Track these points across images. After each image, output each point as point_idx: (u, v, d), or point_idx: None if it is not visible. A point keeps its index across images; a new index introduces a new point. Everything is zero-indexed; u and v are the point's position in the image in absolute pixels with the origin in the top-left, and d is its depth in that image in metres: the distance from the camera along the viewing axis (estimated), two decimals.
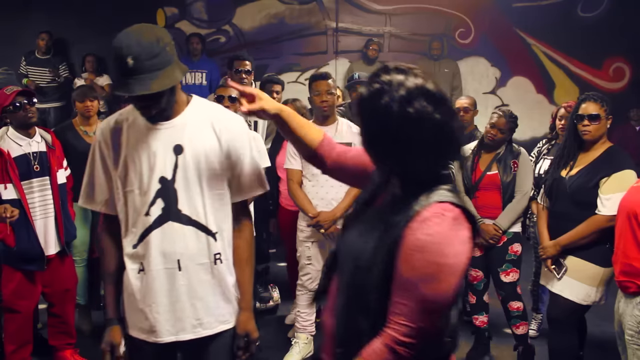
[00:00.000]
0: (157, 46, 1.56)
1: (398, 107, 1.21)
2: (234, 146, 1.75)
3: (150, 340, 1.75)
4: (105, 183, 1.77)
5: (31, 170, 2.91)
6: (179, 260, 1.70)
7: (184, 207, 1.70)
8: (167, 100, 1.65)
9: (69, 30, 6.62)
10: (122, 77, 1.56)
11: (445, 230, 1.19)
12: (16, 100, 2.85)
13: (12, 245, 2.83)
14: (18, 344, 2.96)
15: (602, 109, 2.69)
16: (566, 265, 2.74)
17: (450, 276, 1.19)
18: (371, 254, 1.26)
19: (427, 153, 1.24)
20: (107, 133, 1.75)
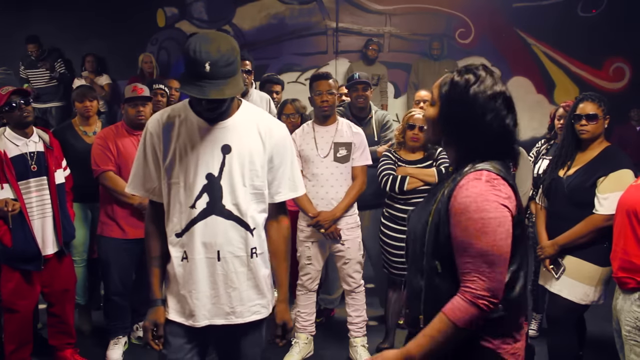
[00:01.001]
0: (232, 55, 1.69)
1: (483, 99, 1.43)
2: (277, 150, 1.89)
3: (187, 323, 1.88)
4: (155, 172, 1.88)
5: (28, 170, 2.91)
6: (219, 251, 1.83)
7: (227, 203, 1.83)
8: (228, 104, 1.80)
9: (69, 30, 6.63)
10: (196, 79, 1.65)
11: (480, 190, 1.38)
12: (11, 100, 2.84)
13: (8, 245, 2.83)
14: (18, 344, 2.96)
15: (600, 109, 2.70)
16: (564, 265, 2.74)
17: (497, 227, 1.36)
18: (425, 221, 1.48)
19: (488, 144, 1.45)
20: (159, 126, 1.86)
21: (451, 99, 1.48)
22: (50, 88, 6.38)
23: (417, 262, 1.51)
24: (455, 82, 1.48)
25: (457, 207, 1.40)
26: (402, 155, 3.32)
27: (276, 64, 6.84)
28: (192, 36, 1.81)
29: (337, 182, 3.20)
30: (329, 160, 3.20)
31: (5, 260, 2.88)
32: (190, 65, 1.66)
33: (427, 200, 1.58)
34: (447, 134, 1.52)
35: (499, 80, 1.48)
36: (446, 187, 1.47)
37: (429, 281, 1.48)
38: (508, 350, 1.46)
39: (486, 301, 1.36)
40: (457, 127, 1.48)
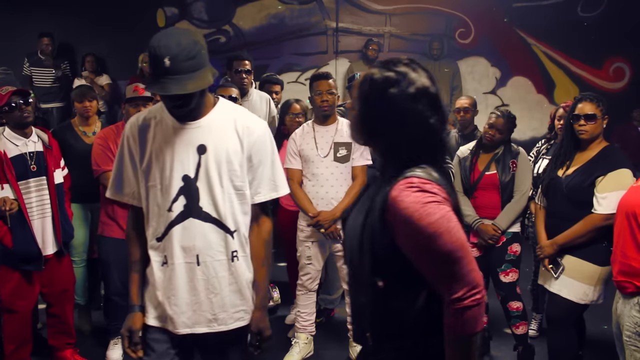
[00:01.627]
0: (194, 49, 1.63)
1: (403, 101, 1.33)
2: (256, 149, 1.82)
3: (168, 329, 1.82)
4: (133, 176, 1.85)
5: (28, 170, 2.91)
6: (198, 255, 1.78)
7: (204, 205, 1.77)
8: (197, 101, 1.72)
9: (69, 30, 6.63)
10: (158, 76, 1.62)
11: (414, 199, 1.29)
12: (11, 100, 2.84)
13: (9, 246, 2.83)
14: (17, 344, 2.96)
15: (598, 109, 2.71)
16: (563, 265, 2.75)
17: (447, 224, 1.28)
18: (359, 235, 1.39)
19: (412, 147, 1.37)
20: (135, 129, 1.82)
21: (369, 98, 1.38)
22: (51, 88, 6.38)
23: (358, 277, 1.42)
24: (373, 80, 1.37)
25: (399, 221, 1.30)
26: None
27: (276, 64, 6.84)
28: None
29: (337, 181, 3.20)
30: (329, 160, 3.20)
31: (6, 261, 2.88)
32: (152, 62, 1.63)
33: (358, 208, 1.46)
34: (366, 136, 1.43)
35: (422, 76, 1.36)
36: (374, 198, 1.38)
37: (373, 297, 1.39)
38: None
39: (470, 298, 1.29)
40: (377, 129, 1.38)
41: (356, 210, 1.47)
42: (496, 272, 3.20)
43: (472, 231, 3.23)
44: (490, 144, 3.23)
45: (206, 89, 1.75)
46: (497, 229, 3.14)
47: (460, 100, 4.20)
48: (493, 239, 3.15)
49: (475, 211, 3.22)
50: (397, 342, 1.40)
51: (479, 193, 3.22)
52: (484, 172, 3.21)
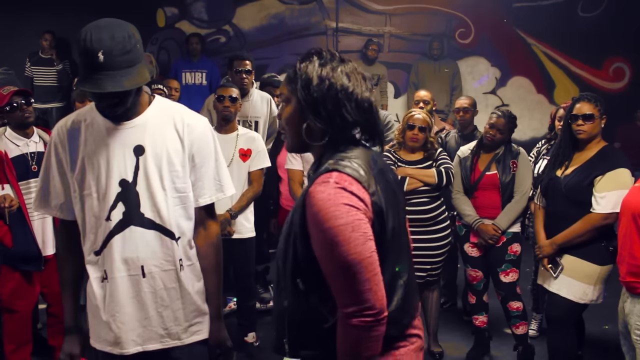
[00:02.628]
0: (130, 42, 1.52)
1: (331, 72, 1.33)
2: (197, 147, 1.69)
3: (115, 352, 1.66)
4: (60, 186, 1.69)
5: (29, 170, 2.91)
6: (143, 266, 1.63)
7: (146, 211, 1.62)
8: (133, 99, 1.59)
9: (69, 30, 6.63)
10: (90, 72, 1.48)
11: (328, 195, 1.22)
12: (13, 101, 2.84)
13: (9, 246, 2.83)
14: (17, 344, 2.96)
15: (596, 109, 2.71)
16: (562, 264, 2.75)
17: (350, 233, 1.19)
18: (285, 236, 1.34)
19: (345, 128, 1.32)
20: (63, 134, 1.66)
21: (302, 81, 1.35)
22: (51, 88, 6.38)
23: (280, 280, 1.37)
24: (298, 68, 1.38)
25: (309, 218, 1.24)
26: (402, 155, 3.31)
27: (276, 64, 6.83)
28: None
29: None
30: None
31: (6, 261, 2.88)
32: (83, 56, 1.49)
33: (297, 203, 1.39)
34: (309, 118, 1.34)
35: (341, 58, 1.38)
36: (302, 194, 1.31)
37: (293, 301, 1.32)
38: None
39: (359, 318, 1.19)
40: (315, 105, 1.32)
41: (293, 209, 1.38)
42: (496, 272, 3.20)
43: (472, 231, 3.23)
44: (491, 144, 3.23)
45: (141, 89, 1.63)
46: (497, 229, 3.14)
47: (460, 100, 4.19)
48: (493, 239, 3.15)
49: (476, 211, 3.22)
50: (313, 350, 1.33)
51: (480, 193, 3.23)
52: (484, 172, 3.21)
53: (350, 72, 1.36)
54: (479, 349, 3.37)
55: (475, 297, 3.33)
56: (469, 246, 3.29)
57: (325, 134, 1.33)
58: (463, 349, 3.46)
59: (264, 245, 4.16)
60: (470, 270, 3.31)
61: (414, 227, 3.06)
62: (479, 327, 3.34)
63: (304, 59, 1.38)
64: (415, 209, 3.15)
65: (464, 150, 3.37)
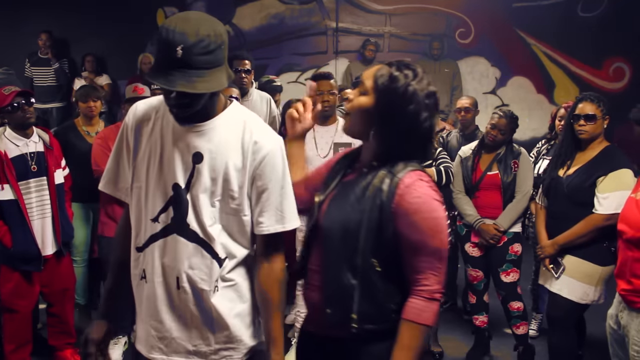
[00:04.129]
0: (214, 42, 1.38)
1: (421, 97, 1.45)
2: (262, 170, 1.50)
3: (142, 352, 1.60)
4: (127, 169, 1.58)
5: (28, 170, 2.91)
6: (178, 278, 1.51)
7: (191, 222, 1.49)
8: (205, 103, 1.45)
9: (69, 30, 6.63)
10: (165, 66, 1.35)
11: (427, 191, 1.44)
12: (15, 101, 2.84)
13: (8, 246, 2.83)
14: (17, 344, 2.96)
15: (599, 109, 2.70)
16: (564, 265, 2.74)
17: (444, 225, 1.45)
18: (360, 218, 1.45)
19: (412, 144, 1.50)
20: (134, 117, 1.57)
21: (391, 91, 1.46)
22: (51, 88, 6.38)
23: (347, 259, 1.46)
24: (394, 76, 1.47)
25: (409, 207, 1.42)
26: None
27: (276, 64, 6.84)
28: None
29: None
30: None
31: (5, 261, 2.88)
32: (161, 47, 1.35)
33: (345, 194, 1.51)
34: (380, 128, 1.48)
35: (430, 80, 1.51)
36: (376, 182, 1.46)
37: (365, 279, 1.45)
38: None
39: (440, 294, 1.44)
40: (392, 122, 1.47)
41: (345, 200, 1.51)
42: (497, 272, 3.20)
43: (473, 231, 3.23)
44: (492, 144, 3.23)
45: (217, 94, 1.51)
46: (498, 229, 3.14)
47: (461, 100, 4.20)
48: (494, 239, 3.15)
49: (477, 211, 3.22)
50: (378, 325, 1.47)
51: (481, 193, 3.23)
52: (485, 172, 3.21)
53: (430, 101, 1.48)
54: (479, 348, 3.37)
55: (475, 297, 3.33)
56: (470, 246, 3.29)
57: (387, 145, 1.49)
58: (463, 348, 3.46)
59: None
60: (471, 270, 3.31)
61: None
62: (479, 327, 3.34)
63: (403, 67, 1.48)
64: None
65: (465, 150, 3.37)
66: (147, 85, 3.46)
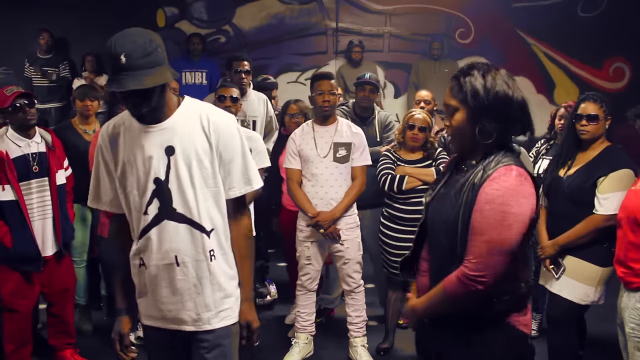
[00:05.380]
0: (150, 46, 1.65)
1: (504, 92, 1.56)
2: (224, 144, 1.81)
3: (159, 325, 1.87)
4: (109, 184, 1.86)
5: (30, 171, 2.91)
6: (176, 256, 1.78)
7: (178, 206, 1.77)
8: (157, 99, 1.70)
9: (69, 30, 6.62)
10: (115, 73, 1.63)
11: (510, 185, 1.49)
12: (16, 102, 2.83)
13: (9, 246, 2.83)
14: (17, 344, 2.96)
15: (601, 110, 2.70)
16: (564, 265, 2.74)
17: (514, 223, 1.48)
18: (457, 212, 1.56)
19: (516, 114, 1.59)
20: (106, 137, 1.83)
21: (474, 91, 1.56)
22: (50, 88, 6.37)
23: (449, 250, 1.59)
24: (466, 80, 1.58)
25: (485, 196, 1.50)
26: (402, 155, 3.32)
27: (276, 64, 6.83)
28: None
29: (337, 182, 3.20)
30: (329, 160, 3.20)
31: (5, 261, 2.88)
32: (109, 61, 1.66)
33: (447, 191, 1.65)
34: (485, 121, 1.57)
35: (496, 66, 1.62)
36: (472, 178, 1.56)
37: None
38: (521, 322, 1.62)
39: (474, 282, 1.49)
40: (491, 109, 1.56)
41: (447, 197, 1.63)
42: None
43: None
44: None
45: (166, 89, 1.74)
46: None
47: None
48: None
49: None
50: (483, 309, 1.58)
51: None
52: None
53: (507, 79, 1.59)
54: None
55: None
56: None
57: (494, 134, 1.57)
58: None
59: (260, 243, 4.16)
60: None
61: (414, 226, 3.06)
62: None
63: (465, 73, 1.60)
64: (415, 208, 3.15)
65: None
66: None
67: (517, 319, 1.61)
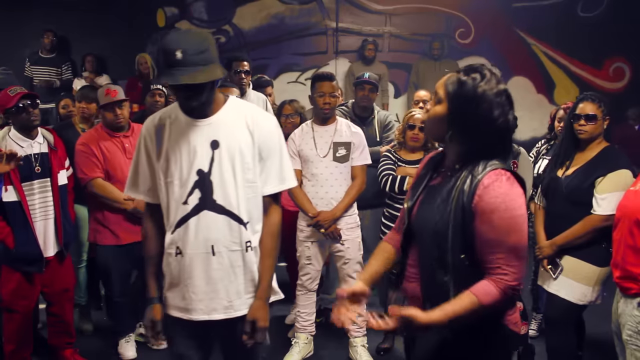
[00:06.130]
0: (204, 44, 1.75)
1: (491, 96, 1.52)
2: (265, 143, 1.89)
3: (185, 317, 1.91)
4: (148, 174, 1.93)
5: (32, 171, 2.89)
6: (213, 246, 1.85)
7: (218, 198, 1.85)
8: (207, 95, 1.80)
9: (70, 30, 6.63)
10: (169, 68, 1.71)
11: (506, 190, 1.49)
12: (20, 102, 2.82)
13: (10, 247, 2.82)
14: (17, 344, 2.96)
15: (600, 110, 2.70)
16: (562, 265, 2.74)
17: (523, 224, 1.51)
18: (447, 219, 1.54)
19: (491, 143, 1.56)
20: (151, 128, 1.91)
21: (460, 96, 1.55)
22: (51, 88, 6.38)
23: (439, 258, 1.57)
24: (463, 80, 1.56)
25: (486, 206, 1.49)
26: (402, 155, 3.32)
27: (276, 64, 6.84)
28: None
29: (337, 181, 3.20)
30: (329, 160, 3.20)
31: (7, 262, 2.88)
32: (163, 56, 1.73)
33: (432, 197, 1.63)
34: (456, 131, 1.57)
35: (500, 78, 1.58)
36: (459, 185, 1.55)
37: (457, 275, 1.55)
38: (510, 320, 1.62)
39: (515, 291, 1.50)
40: (466, 124, 1.55)
41: (433, 202, 1.61)
42: None
43: None
44: None
45: (215, 86, 1.83)
46: None
47: None
48: None
49: None
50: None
51: None
52: None
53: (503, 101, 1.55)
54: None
55: None
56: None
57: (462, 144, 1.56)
58: None
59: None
60: None
61: None
62: None
63: (470, 71, 1.57)
64: None
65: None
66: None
67: (509, 318, 1.62)
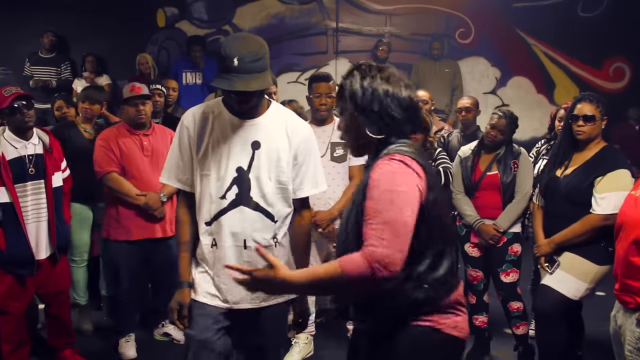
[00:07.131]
0: (260, 52, 1.84)
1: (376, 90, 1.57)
2: (301, 149, 2.01)
3: (213, 304, 2.00)
4: (187, 164, 2.01)
5: (26, 173, 2.85)
6: (245, 240, 1.96)
7: (254, 195, 1.96)
8: (257, 100, 1.92)
9: (70, 30, 6.63)
10: (226, 73, 1.81)
11: (393, 169, 1.50)
12: (14, 103, 2.79)
13: (2, 248, 2.78)
14: (15, 345, 2.92)
15: (597, 110, 2.70)
16: (559, 260, 2.74)
17: (405, 200, 1.46)
18: (355, 207, 1.57)
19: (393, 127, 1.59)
20: (193, 120, 1.99)
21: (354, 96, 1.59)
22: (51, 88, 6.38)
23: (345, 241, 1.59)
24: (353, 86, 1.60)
25: (371, 182, 1.50)
26: None
27: (276, 64, 6.82)
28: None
29: (334, 181, 3.20)
30: (326, 159, 3.19)
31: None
32: (221, 61, 1.81)
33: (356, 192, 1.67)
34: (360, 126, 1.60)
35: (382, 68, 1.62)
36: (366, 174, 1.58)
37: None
38: (449, 324, 1.56)
39: (380, 266, 1.38)
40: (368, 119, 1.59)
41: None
42: (497, 272, 3.20)
43: (472, 231, 3.23)
44: (492, 145, 3.22)
45: (264, 90, 1.92)
46: (497, 229, 3.13)
47: (462, 100, 4.20)
48: (494, 239, 3.15)
49: (477, 211, 3.21)
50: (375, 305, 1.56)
51: (481, 193, 3.22)
52: (485, 172, 3.20)
53: (389, 77, 1.60)
54: (479, 349, 3.37)
55: (475, 297, 3.32)
56: (470, 246, 3.29)
57: (380, 132, 1.59)
58: None
59: None
60: (471, 270, 3.31)
61: None
62: (479, 327, 3.33)
63: (347, 76, 1.63)
64: None
65: (465, 150, 3.37)
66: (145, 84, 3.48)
67: (444, 321, 1.55)
